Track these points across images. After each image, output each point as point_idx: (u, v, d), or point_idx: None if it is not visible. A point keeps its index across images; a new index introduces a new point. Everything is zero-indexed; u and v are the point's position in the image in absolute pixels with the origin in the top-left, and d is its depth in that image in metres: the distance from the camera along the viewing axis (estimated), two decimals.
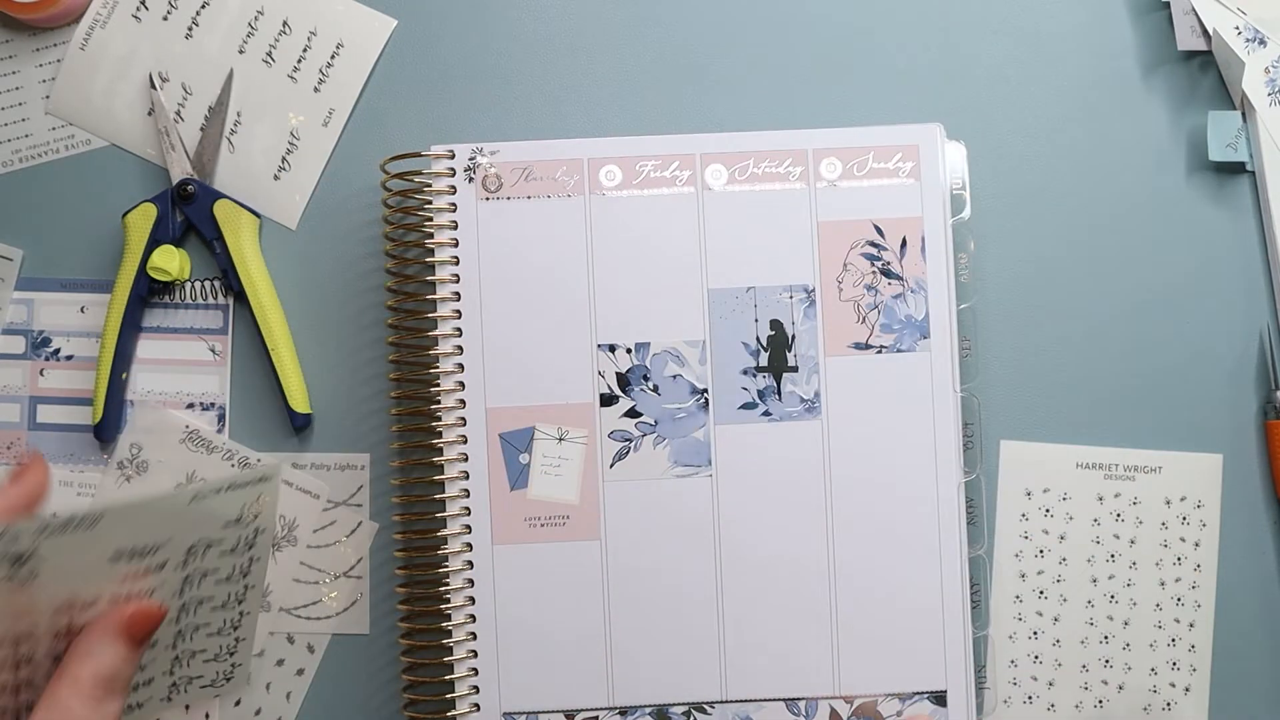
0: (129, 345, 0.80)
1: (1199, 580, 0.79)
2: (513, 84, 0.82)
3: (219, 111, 0.81)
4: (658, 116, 0.82)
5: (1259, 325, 0.81)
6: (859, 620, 0.75)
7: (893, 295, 0.76)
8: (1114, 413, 0.80)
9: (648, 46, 0.82)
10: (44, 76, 0.82)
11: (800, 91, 0.82)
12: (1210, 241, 0.81)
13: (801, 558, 0.75)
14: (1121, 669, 0.79)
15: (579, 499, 0.76)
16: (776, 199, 0.77)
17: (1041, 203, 0.81)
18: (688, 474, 0.76)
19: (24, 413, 0.81)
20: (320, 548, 0.79)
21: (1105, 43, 0.83)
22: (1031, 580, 0.79)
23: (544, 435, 0.76)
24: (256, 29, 0.82)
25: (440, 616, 0.75)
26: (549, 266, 0.76)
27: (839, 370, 0.76)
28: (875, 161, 0.77)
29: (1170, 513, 0.79)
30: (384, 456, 0.79)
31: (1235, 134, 0.81)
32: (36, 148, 0.82)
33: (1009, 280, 0.81)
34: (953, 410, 0.76)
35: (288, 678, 0.79)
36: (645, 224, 0.77)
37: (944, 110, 0.81)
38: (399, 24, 0.82)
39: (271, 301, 0.79)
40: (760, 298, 0.76)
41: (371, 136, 0.82)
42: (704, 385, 0.76)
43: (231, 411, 0.80)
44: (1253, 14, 0.81)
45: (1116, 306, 0.81)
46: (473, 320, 0.76)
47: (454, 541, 0.75)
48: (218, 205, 0.79)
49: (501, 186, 0.77)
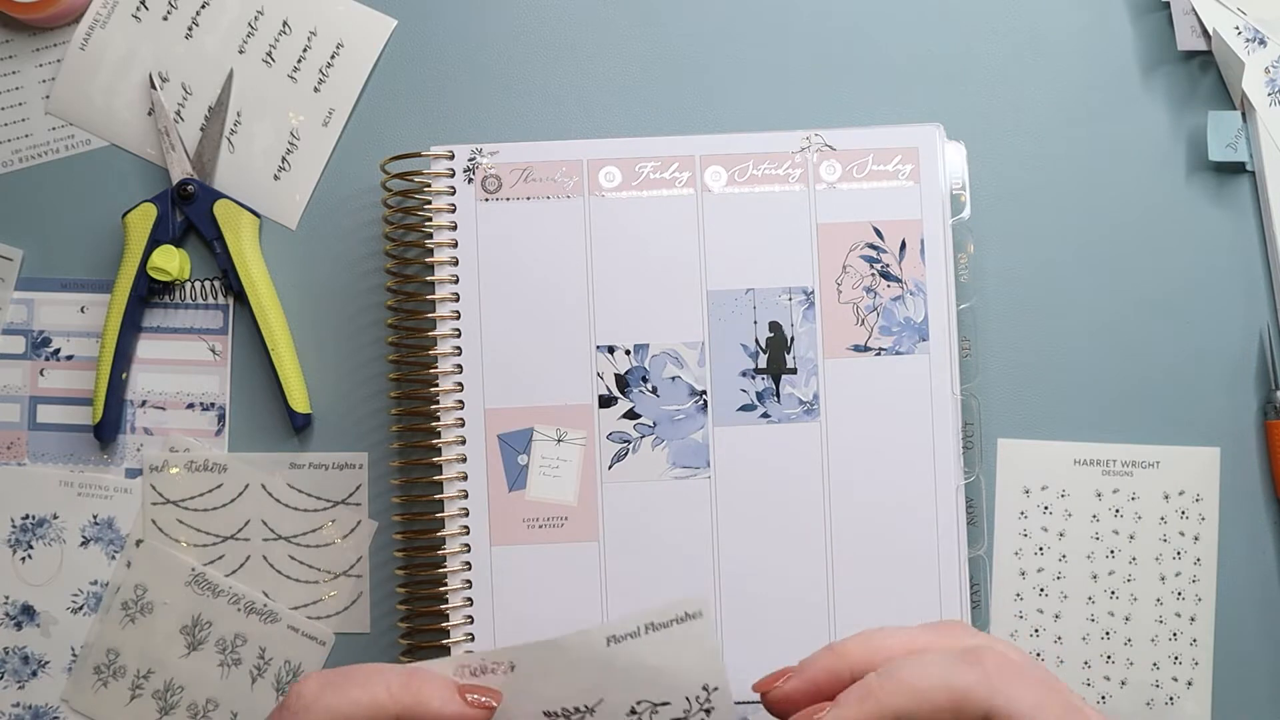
0: (129, 345, 0.80)
1: (1199, 574, 0.79)
2: (513, 84, 0.82)
3: (219, 111, 0.81)
4: (657, 117, 0.82)
5: (1259, 325, 0.81)
6: (857, 623, 0.75)
7: (892, 298, 0.76)
8: (1112, 411, 0.80)
9: (648, 47, 0.82)
10: (44, 76, 0.82)
11: (800, 92, 0.82)
12: (1210, 241, 0.81)
13: (799, 560, 0.76)
14: (1123, 664, 0.79)
15: (577, 500, 0.76)
16: (776, 201, 0.77)
17: (1041, 203, 0.81)
18: (686, 476, 0.76)
19: (24, 413, 0.81)
20: (320, 547, 0.80)
21: (1105, 43, 0.82)
22: (1031, 578, 0.79)
23: (542, 436, 0.76)
24: (256, 29, 0.82)
25: (439, 617, 0.75)
26: (548, 267, 0.77)
27: (838, 372, 0.76)
28: (875, 164, 0.77)
29: (1169, 507, 0.79)
30: (383, 456, 0.80)
31: (1235, 134, 0.81)
32: (36, 148, 0.82)
33: (1009, 280, 0.81)
34: (952, 413, 0.76)
35: (289, 676, 0.79)
36: (644, 225, 0.77)
37: (944, 110, 0.81)
38: (399, 24, 0.82)
39: (271, 301, 0.79)
40: (759, 299, 0.76)
41: (371, 136, 0.82)
42: (703, 387, 0.76)
43: (231, 411, 0.80)
44: (1253, 14, 0.81)
45: (1116, 306, 0.81)
46: (472, 321, 0.76)
47: (452, 542, 0.75)
48: (218, 205, 0.79)
49: (501, 187, 0.77)
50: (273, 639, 0.79)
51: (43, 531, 0.80)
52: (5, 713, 0.79)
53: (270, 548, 0.80)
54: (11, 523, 0.80)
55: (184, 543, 0.80)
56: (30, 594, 0.80)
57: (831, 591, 0.75)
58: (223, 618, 0.79)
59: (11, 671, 0.80)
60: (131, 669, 0.79)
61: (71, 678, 0.80)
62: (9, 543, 0.80)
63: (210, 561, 0.80)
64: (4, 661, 0.80)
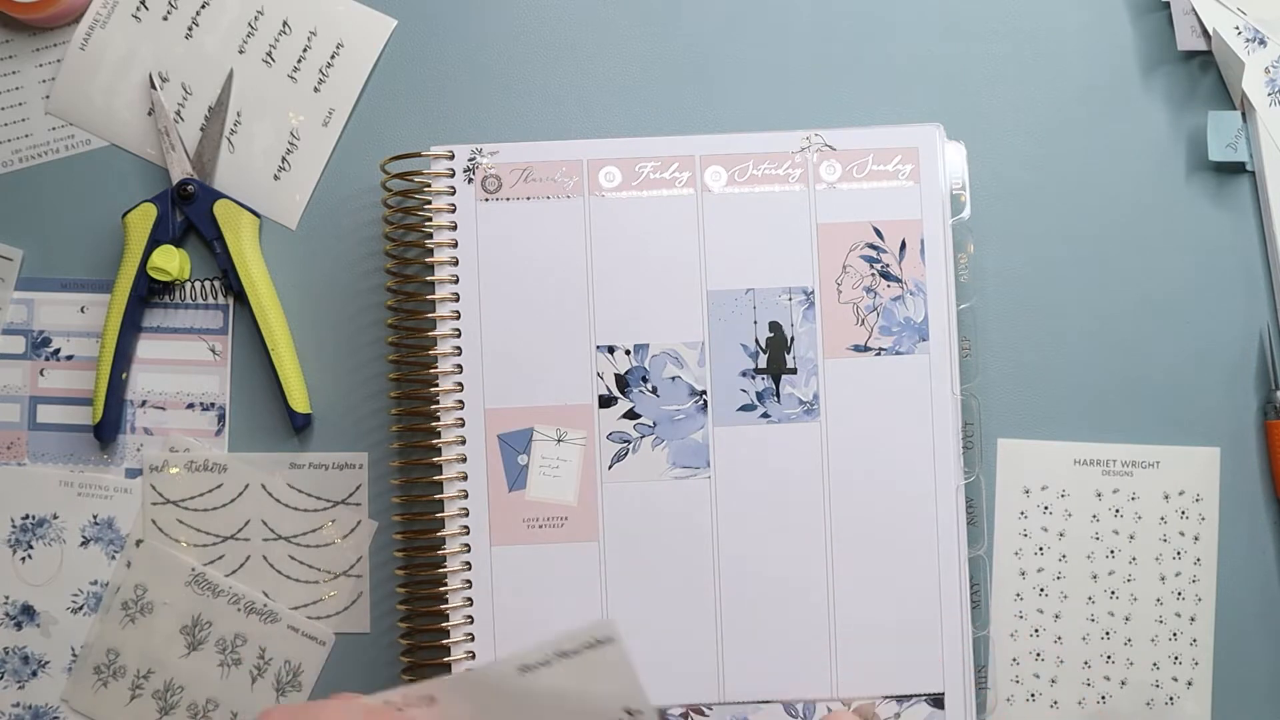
0: (129, 345, 0.80)
1: (1199, 574, 0.79)
2: (513, 84, 0.82)
3: (219, 111, 0.81)
4: (657, 117, 0.82)
5: (1259, 325, 0.81)
6: (857, 623, 0.75)
7: (892, 297, 0.76)
8: (1112, 411, 0.80)
9: (648, 47, 0.82)
10: (44, 76, 0.82)
11: (800, 92, 0.82)
12: (1210, 241, 0.81)
13: (799, 560, 0.76)
14: (1123, 664, 0.79)
15: (577, 500, 0.76)
16: (776, 201, 0.77)
17: (1041, 203, 0.81)
18: (686, 476, 0.76)
19: (24, 413, 0.81)
20: (320, 547, 0.80)
21: (1105, 43, 0.82)
22: (1031, 578, 0.79)
23: (542, 436, 0.76)
24: (256, 29, 0.82)
25: (439, 617, 0.75)
26: (548, 267, 0.77)
27: (838, 372, 0.76)
28: (875, 164, 0.77)
29: (1169, 507, 0.79)
30: (382, 456, 0.80)
31: (1235, 134, 0.81)
32: (36, 148, 0.82)
33: (1009, 280, 0.81)
34: (951, 413, 0.76)
35: (289, 676, 0.79)
36: (644, 225, 0.77)
37: (944, 110, 0.81)
38: (399, 24, 0.82)
39: (271, 301, 0.79)
40: (759, 299, 0.76)
41: (371, 136, 0.82)
42: (703, 387, 0.76)
43: (231, 411, 0.80)
44: (1253, 14, 0.81)
45: (1116, 306, 0.81)
46: (471, 321, 0.76)
47: (452, 542, 0.75)
48: (218, 205, 0.79)
49: (501, 187, 0.77)
50: (273, 639, 0.79)
51: (43, 531, 0.80)
52: (5, 713, 0.79)
53: (270, 548, 0.80)
54: (11, 523, 0.80)
55: (184, 543, 0.80)
56: (30, 594, 0.80)
57: (831, 591, 0.75)
58: (223, 618, 0.79)
59: (11, 671, 0.80)
60: (131, 669, 0.79)
61: (71, 678, 0.80)
62: (9, 543, 0.80)
63: (210, 561, 0.80)
64: (4, 661, 0.80)
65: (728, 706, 0.75)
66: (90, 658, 0.79)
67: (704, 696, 0.75)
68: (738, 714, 0.75)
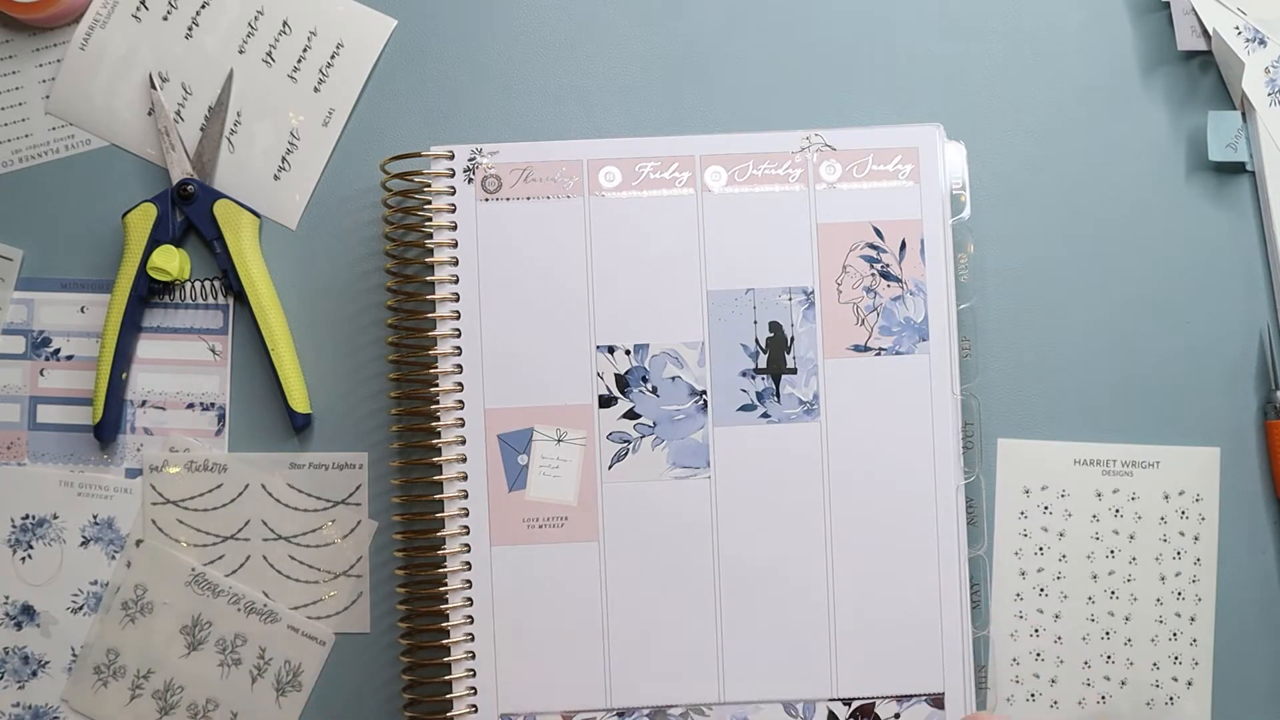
0: (129, 345, 0.80)
1: (1199, 574, 0.79)
2: (513, 84, 0.82)
3: (219, 111, 0.81)
4: (657, 118, 0.82)
5: (1259, 325, 0.81)
6: (857, 622, 0.75)
7: (892, 297, 0.76)
8: (1112, 411, 0.80)
9: (648, 47, 0.82)
10: (44, 76, 0.82)
11: (800, 92, 0.82)
12: (1210, 241, 0.81)
13: (800, 560, 0.76)
14: (1123, 664, 0.79)
15: (577, 500, 0.76)
16: (776, 201, 0.77)
17: (1041, 203, 0.81)
18: (686, 475, 0.76)
19: (24, 413, 0.81)
20: (320, 547, 0.80)
21: (1105, 43, 0.82)
22: (1031, 578, 0.79)
23: (542, 436, 0.76)
24: (256, 29, 0.82)
25: (440, 617, 0.75)
26: (548, 267, 0.77)
27: (838, 372, 0.76)
28: (875, 164, 0.77)
29: (1169, 507, 0.79)
30: (382, 456, 0.80)
31: (1235, 134, 0.81)
32: (36, 148, 0.82)
33: (1009, 280, 0.81)
34: (951, 413, 0.76)
35: (289, 676, 0.79)
36: (644, 225, 0.77)
37: (944, 110, 0.81)
38: (399, 24, 0.82)
39: (271, 301, 0.79)
40: (759, 299, 0.76)
41: (371, 136, 0.82)
42: (703, 387, 0.76)
43: (231, 411, 0.80)
44: (1253, 14, 0.81)
45: (1117, 306, 0.81)
46: (471, 321, 0.76)
47: (452, 542, 0.75)
48: (218, 205, 0.79)
49: (501, 187, 0.77)
50: (273, 639, 0.79)
51: (43, 531, 0.80)
52: (5, 713, 0.79)
53: (270, 548, 0.80)
54: (11, 523, 0.80)
55: (184, 543, 0.80)
56: (30, 594, 0.80)
57: (831, 591, 0.76)
58: (223, 618, 0.79)
59: (11, 671, 0.80)
60: (131, 669, 0.79)
61: (71, 678, 0.80)
62: (9, 543, 0.80)
63: (210, 561, 0.80)
64: (4, 661, 0.80)
65: (728, 706, 0.75)
66: (90, 658, 0.79)
67: (704, 696, 0.75)
68: (738, 714, 0.75)
